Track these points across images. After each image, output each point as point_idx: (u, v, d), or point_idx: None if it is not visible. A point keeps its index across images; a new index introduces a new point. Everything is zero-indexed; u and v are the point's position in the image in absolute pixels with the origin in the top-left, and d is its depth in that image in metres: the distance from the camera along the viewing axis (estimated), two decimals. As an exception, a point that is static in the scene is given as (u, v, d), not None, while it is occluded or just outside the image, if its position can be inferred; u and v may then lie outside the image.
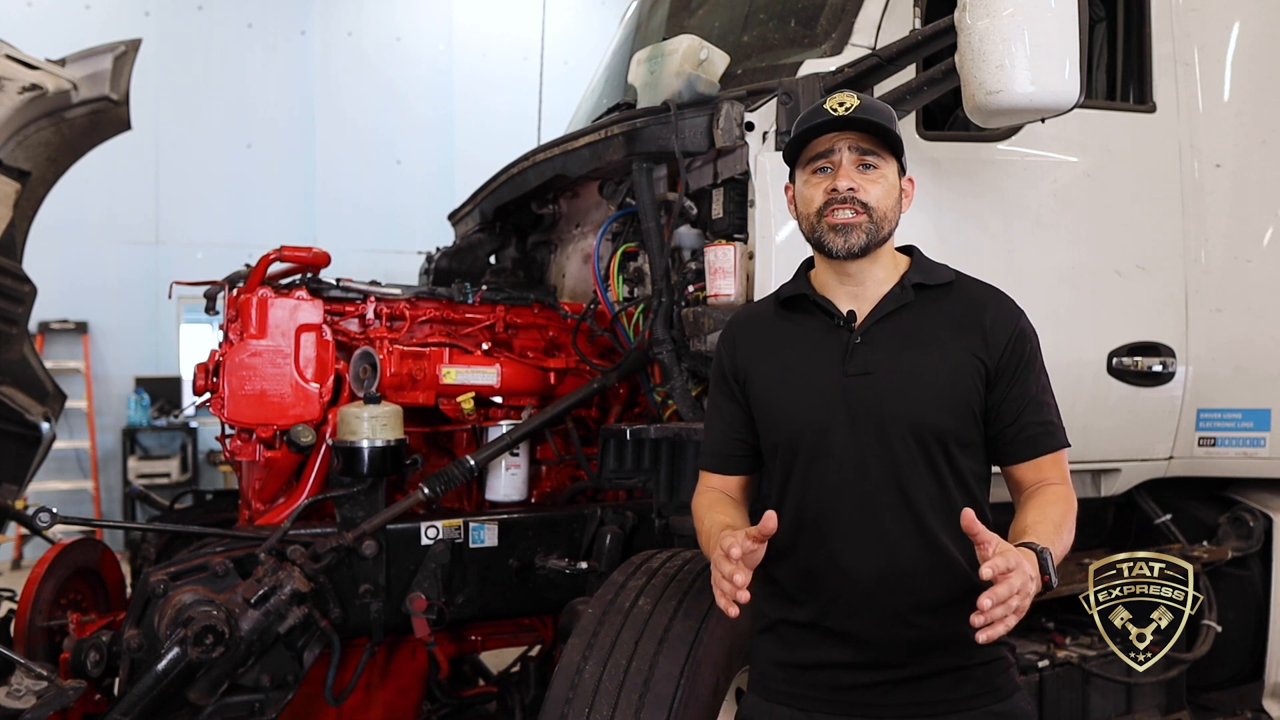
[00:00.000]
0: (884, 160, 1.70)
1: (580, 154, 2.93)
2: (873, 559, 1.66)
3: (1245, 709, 3.15)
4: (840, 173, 1.68)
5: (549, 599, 2.79)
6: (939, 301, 1.74)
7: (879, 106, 1.72)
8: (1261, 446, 3.03)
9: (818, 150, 1.71)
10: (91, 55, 3.58)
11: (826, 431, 1.69)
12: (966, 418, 1.68)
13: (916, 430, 1.66)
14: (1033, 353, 1.73)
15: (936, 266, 1.79)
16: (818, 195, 1.70)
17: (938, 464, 1.67)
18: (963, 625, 1.60)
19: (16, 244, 3.56)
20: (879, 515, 1.66)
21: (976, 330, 1.70)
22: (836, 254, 1.69)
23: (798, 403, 1.73)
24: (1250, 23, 3.09)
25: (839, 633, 1.68)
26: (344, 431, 2.61)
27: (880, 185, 1.69)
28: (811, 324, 1.78)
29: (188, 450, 8.37)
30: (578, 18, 9.17)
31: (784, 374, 1.76)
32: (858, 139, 1.69)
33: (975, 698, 1.66)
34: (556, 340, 3.22)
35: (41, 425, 3.59)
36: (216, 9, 8.63)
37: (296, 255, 2.81)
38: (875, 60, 2.41)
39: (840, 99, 1.69)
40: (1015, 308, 1.75)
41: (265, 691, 2.44)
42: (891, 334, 1.71)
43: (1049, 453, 1.71)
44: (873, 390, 1.68)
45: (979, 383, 1.68)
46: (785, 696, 1.73)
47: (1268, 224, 3.04)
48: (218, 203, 8.59)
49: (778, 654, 1.76)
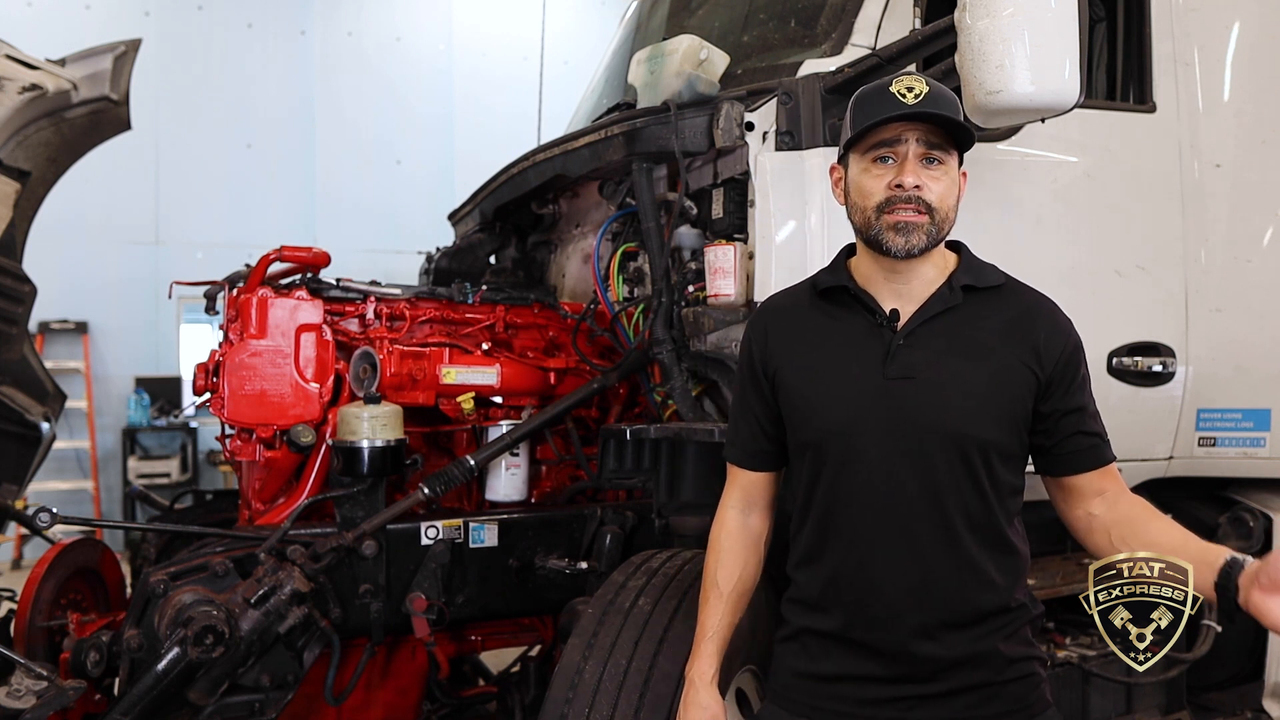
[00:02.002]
0: (949, 155, 1.59)
1: (580, 154, 2.93)
2: (903, 571, 1.59)
3: (1245, 709, 3.15)
4: (906, 167, 1.56)
5: (549, 599, 2.79)
6: (988, 305, 1.65)
7: (949, 96, 1.59)
8: (1261, 446, 3.03)
9: (882, 137, 1.58)
10: (91, 55, 3.57)
11: (861, 435, 1.60)
12: (1012, 429, 1.61)
13: (959, 441, 1.57)
14: (1085, 366, 1.66)
15: (986, 267, 1.70)
16: (879, 189, 1.58)
17: (979, 476, 1.59)
18: (994, 641, 1.58)
19: (16, 244, 3.56)
20: (912, 526, 1.59)
21: (1029, 340, 1.61)
22: (895, 254, 1.58)
23: (831, 403, 1.63)
24: (1250, 23, 3.09)
25: (864, 645, 1.62)
26: (344, 431, 2.61)
27: (943, 183, 1.58)
28: (851, 319, 1.67)
29: (188, 450, 8.37)
30: (578, 18, 9.17)
31: (818, 370, 1.66)
32: (927, 131, 1.57)
33: (1005, 715, 1.61)
34: (556, 340, 3.22)
35: (41, 425, 3.59)
36: (216, 9, 8.63)
37: (296, 255, 2.81)
38: (875, 60, 2.41)
39: (909, 83, 1.56)
40: (1066, 318, 1.68)
41: (265, 691, 2.44)
42: (937, 337, 1.61)
43: (1107, 464, 1.66)
44: (915, 396, 1.58)
45: (1028, 394, 1.61)
46: (806, 709, 1.67)
47: (1268, 224, 3.04)
48: (218, 203, 8.59)
49: (799, 664, 1.69)
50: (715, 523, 1.85)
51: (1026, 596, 1.66)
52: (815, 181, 2.48)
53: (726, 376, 2.71)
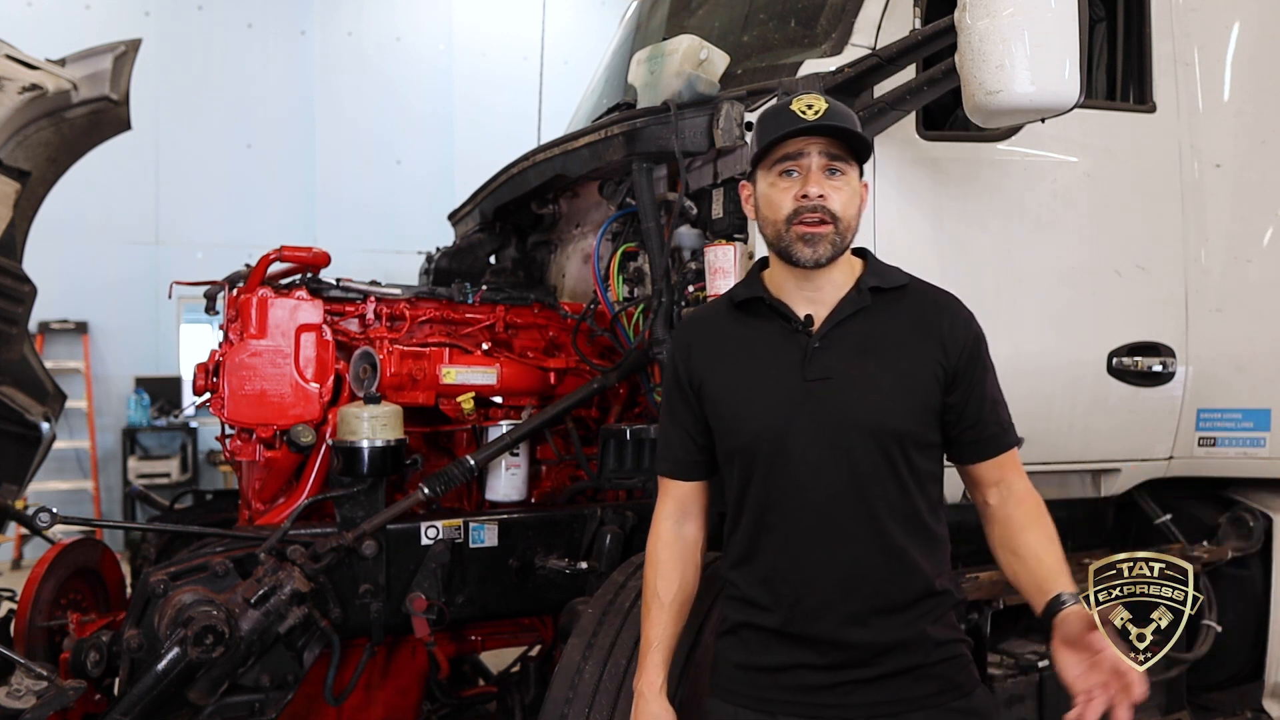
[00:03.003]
0: (849, 166, 1.71)
1: (580, 154, 2.93)
2: (834, 564, 1.68)
3: (1245, 709, 3.14)
4: (810, 178, 1.67)
5: (549, 599, 2.79)
6: (895, 305, 1.75)
7: (847, 111, 1.73)
8: (1261, 446, 3.03)
9: (785, 152, 1.69)
10: (91, 55, 3.57)
11: (786, 437, 1.69)
12: (926, 420, 1.71)
13: (877, 434, 1.67)
14: (986, 355, 1.78)
15: (891, 270, 1.81)
16: (786, 201, 1.69)
17: (898, 467, 1.68)
18: (922, 626, 1.67)
19: (16, 244, 3.56)
20: (839, 520, 1.68)
21: (935, 335, 1.72)
22: (805, 264, 1.69)
23: (756, 408, 1.72)
24: (1250, 23, 3.08)
25: (801, 636, 1.69)
26: (344, 431, 2.61)
27: (845, 192, 1.69)
28: (768, 328, 1.76)
29: (188, 450, 8.37)
30: (578, 18, 9.17)
31: (741, 379, 1.75)
32: (827, 144, 1.68)
33: (937, 695, 1.69)
34: (556, 340, 3.22)
35: (41, 425, 3.59)
36: (216, 9, 8.63)
37: (296, 255, 2.80)
38: (875, 60, 2.41)
39: (808, 101, 1.68)
40: (968, 312, 1.80)
41: (265, 691, 2.43)
42: (850, 338, 1.72)
43: (1007, 449, 1.78)
44: (833, 395, 1.68)
45: (938, 387, 1.71)
46: (748, 700, 1.74)
47: (1268, 224, 3.04)
48: (218, 203, 8.59)
49: (740, 657, 1.77)
50: (650, 535, 1.91)
51: (950, 582, 1.76)
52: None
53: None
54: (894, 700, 1.68)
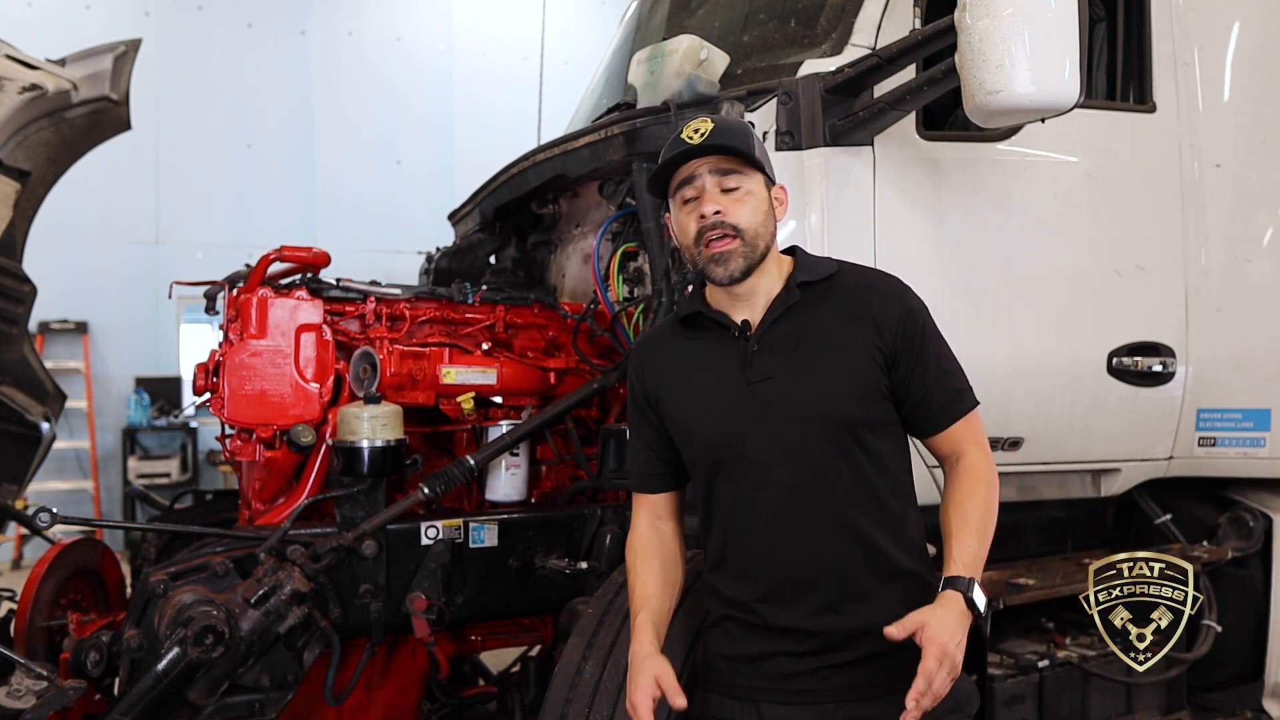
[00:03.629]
0: (746, 177, 1.76)
1: (580, 154, 2.93)
2: (800, 555, 1.73)
3: (1245, 709, 3.15)
4: (705, 198, 1.74)
5: (549, 599, 2.79)
6: (826, 296, 1.79)
7: (733, 127, 1.77)
8: (1261, 446, 3.03)
9: (681, 179, 1.77)
10: (91, 55, 3.57)
11: (740, 441, 1.75)
12: (873, 402, 1.74)
13: (825, 424, 1.71)
14: (924, 326, 1.77)
15: (819, 261, 1.85)
16: (691, 223, 1.76)
17: (851, 452, 1.72)
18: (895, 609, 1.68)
19: (16, 244, 3.56)
20: (801, 513, 1.73)
21: (866, 317, 1.75)
22: (720, 282, 1.76)
23: (709, 418, 1.79)
24: (1250, 23, 3.09)
25: (778, 627, 1.75)
26: (344, 431, 2.61)
27: (746, 204, 1.74)
28: (711, 339, 1.83)
29: (188, 450, 8.37)
30: (578, 18, 9.17)
31: (692, 391, 1.83)
32: (716, 162, 1.74)
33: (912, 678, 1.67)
34: (556, 340, 3.22)
35: (41, 425, 3.59)
36: (216, 9, 8.63)
37: (296, 255, 2.80)
38: (875, 60, 2.41)
39: (695, 125, 1.75)
40: (900, 287, 1.81)
41: (265, 691, 2.43)
42: (786, 336, 1.76)
43: (959, 419, 1.77)
44: (777, 393, 1.73)
45: (878, 368, 1.74)
46: (734, 689, 1.80)
47: (1268, 224, 3.04)
48: (218, 203, 8.59)
49: (724, 648, 1.83)
50: (629, 538, 1.99)
51: (919, 561, 1.78)
52: (815, 181, 2.48)
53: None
54: (872, 683, 1.71)
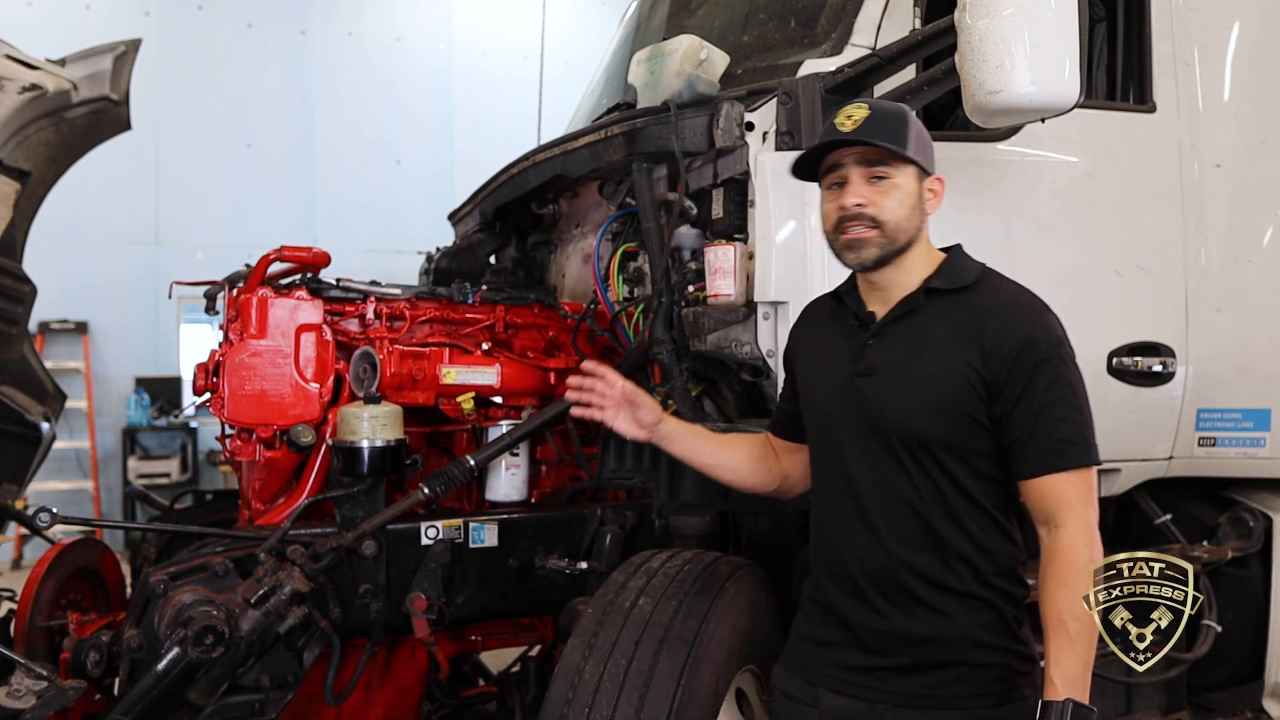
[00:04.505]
0: (895, 169, 1.71)
1: (580, 154, 2.93)
2: (865, 553, 1.73)
3: (1245, 709, 3.15)
4: (849, 189, 1.72)
5: (549, 599, 2.79)
6: (950, 306, 1.73)
7: (887, 116, 1.71)
8: (1261, 446, 3.03)
9: (829, 165, 1.76)
10: (91, 55, 3.57)
11: (835, 426, 1.79)
12: (960, 427, 1.66)
13: (900, 435, 1.70)
14: (1044, 363, 1.63)
15: (964, 269, 1.77)
16: (832, 212, 1.76)
17: (928, 468, 1.69)
18: (962, 627, 1.65)
19: (16, 244, 3.55)
20: (871, 511, 1.72)
21: (975, 340, 1.66)
22: (852, 268, 1.79)
23: (819, 394, 1.85)
24: (1250, 23, 3.08)
25: (843, 617, 1.76)
26: (344, 431, 2.61)
27: (892, 196, 1.71)
28: (845, 320, 1.86)
29: (188, 450, 8.36)
30: (578, 18, 9.17)
31: (816, 364, 1.89)
32: (865, 152, 1.71)
33: (969, 698, 1.67)
34: (556, 340, 3.22)
35: (41, 425, 3.59)
36: (216, 9, 8.63)
37: (296, 255, 2.80)
38: (875, 60, 2.41)
39: (849, 111, 1.71)
40: (1028, 316, 1.68)
41: (265, 691, 2.43)
42: (899, 337, 1.75)
43: (1056, 471, 1.61)
44: (872, 391, 1.73)
45: (973, 394, 1.65)
46: (799, 668, 1.83)
47: (1268, 224, 3.04)
48: (218, 203, 8.58)
49: (803, 628, 1.87)
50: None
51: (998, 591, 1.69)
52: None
53: (726, 376, 2.71)
54: (923, 694, 1.68)
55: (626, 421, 2.02)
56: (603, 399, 2.02)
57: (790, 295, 2.47)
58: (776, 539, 2.89)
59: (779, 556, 2.85)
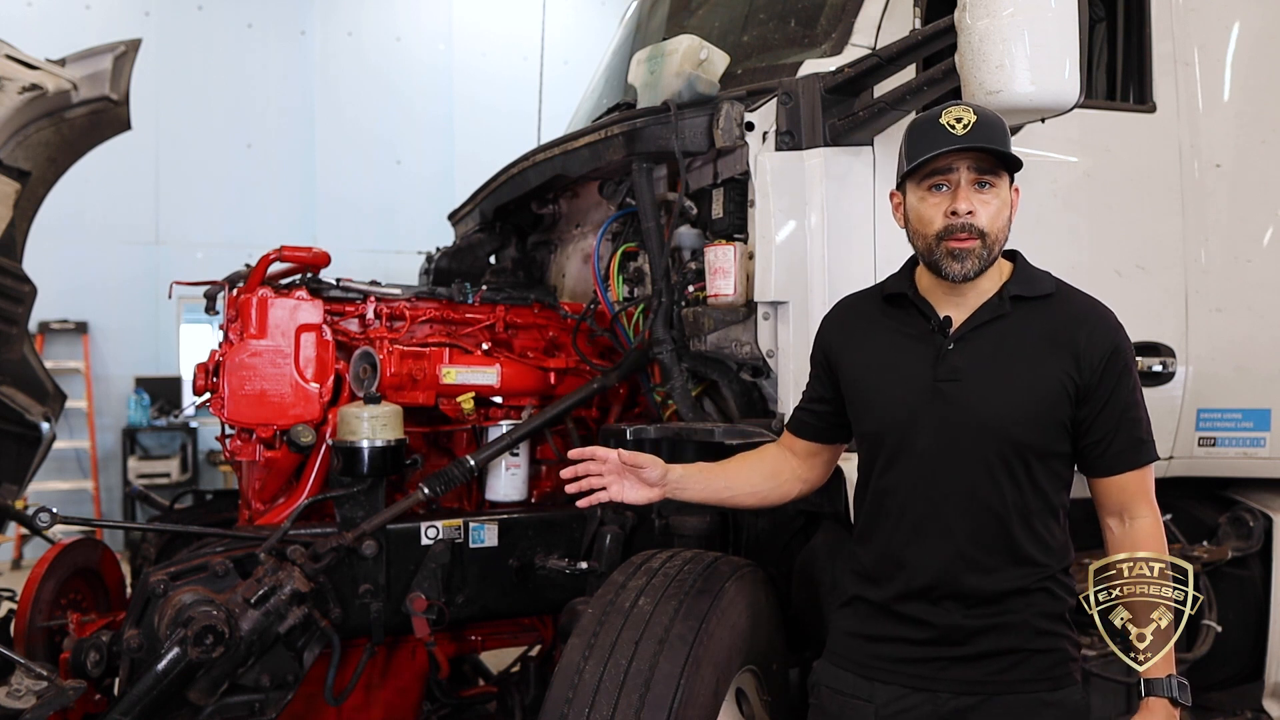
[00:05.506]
0: (999, 179, 1.70)
1: (580, 154, 2.93)
2: (941, 555, 1.73)
3: (1245, 709, 3.14)
4: (959, 195, 1.68)
5: (549, 599, 2.79)
6: (1035, 314, 1.75)
7: (995, 123, 1.69)
8: (1261, 446, 3.03)
9: (934, 167, 1.70)
10: (91, 55, 3.57)
11: (911, 430, 1.75)
12: (1051, 432, 1.71)
13: (998, 442, 1.69)
14: (1125, 368, 1.74)
15: (1038, 277, 1.81)
16: (937, 217, 1.70)
17: (1016, 473, 1.71)
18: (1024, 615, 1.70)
19: (16, 244, 3.56)
20: (949, 515, 1.73)
21: (1069, 348, 1.71)
22: (952, 278, 1.71)
23: (887, 398, 1.80)
24: (1250, 23, 3.08)
25: (905, 614, 1.76)
26: (344, 431, 2.61)
27: (994, 206, 1.69)
28: (909, 322, 1.82)
29: (188, 450, 8.36)
30: (578, 18, 9.17)
31: (877, 368, 1.83)
32: (976, 158, 1.68)
33: (1027, 682, 1.71)
34: (556, 340, 3.22)
35: (41, 425, 3.59)
36: (216, 9, 8.63)
37: (296, 255, 2.80)
38: (875, 60, 2.41)
39: (958, 114, 1.67)
40: (1112, 323, 1.77)
41: (265, 691, 2.43)
42: (984, 343, 1.74)
43: (1134, 469, 1.73)
44: (959, 397, 1.72)
45: (1067, 400, 1.70)
46: (850, 664, 1.83)
47: (1268, 224, 3.04)
48: (218, 203, 8.58)
49: (850, 626, 1.86)
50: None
51: (1058, 584, 1.76)
52: (815, 181, 2.48)
53: (726, 376, 2.71)
54: (985, 680, 1.72)
55: (633, 489, 1.95)
56: (601, 479, 1.95)
57: (790, 295, 2.47)
58: (776, 539, 2.89)
59: (779, 556, 2.85)
